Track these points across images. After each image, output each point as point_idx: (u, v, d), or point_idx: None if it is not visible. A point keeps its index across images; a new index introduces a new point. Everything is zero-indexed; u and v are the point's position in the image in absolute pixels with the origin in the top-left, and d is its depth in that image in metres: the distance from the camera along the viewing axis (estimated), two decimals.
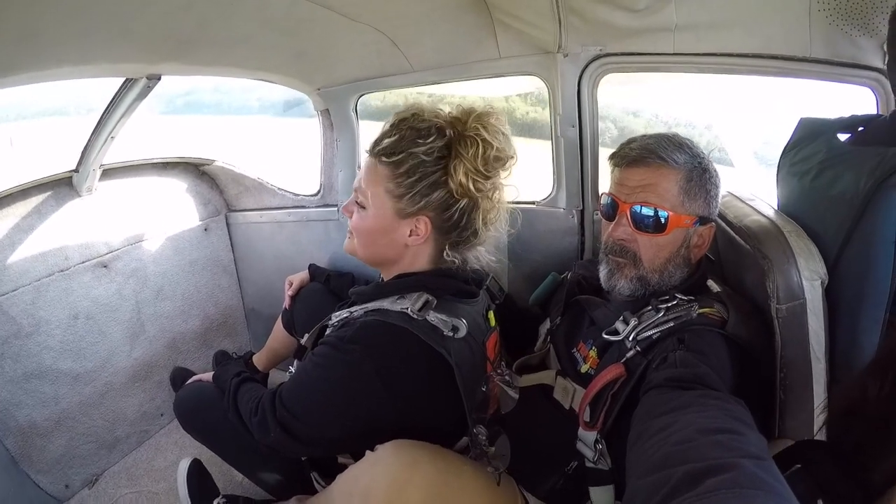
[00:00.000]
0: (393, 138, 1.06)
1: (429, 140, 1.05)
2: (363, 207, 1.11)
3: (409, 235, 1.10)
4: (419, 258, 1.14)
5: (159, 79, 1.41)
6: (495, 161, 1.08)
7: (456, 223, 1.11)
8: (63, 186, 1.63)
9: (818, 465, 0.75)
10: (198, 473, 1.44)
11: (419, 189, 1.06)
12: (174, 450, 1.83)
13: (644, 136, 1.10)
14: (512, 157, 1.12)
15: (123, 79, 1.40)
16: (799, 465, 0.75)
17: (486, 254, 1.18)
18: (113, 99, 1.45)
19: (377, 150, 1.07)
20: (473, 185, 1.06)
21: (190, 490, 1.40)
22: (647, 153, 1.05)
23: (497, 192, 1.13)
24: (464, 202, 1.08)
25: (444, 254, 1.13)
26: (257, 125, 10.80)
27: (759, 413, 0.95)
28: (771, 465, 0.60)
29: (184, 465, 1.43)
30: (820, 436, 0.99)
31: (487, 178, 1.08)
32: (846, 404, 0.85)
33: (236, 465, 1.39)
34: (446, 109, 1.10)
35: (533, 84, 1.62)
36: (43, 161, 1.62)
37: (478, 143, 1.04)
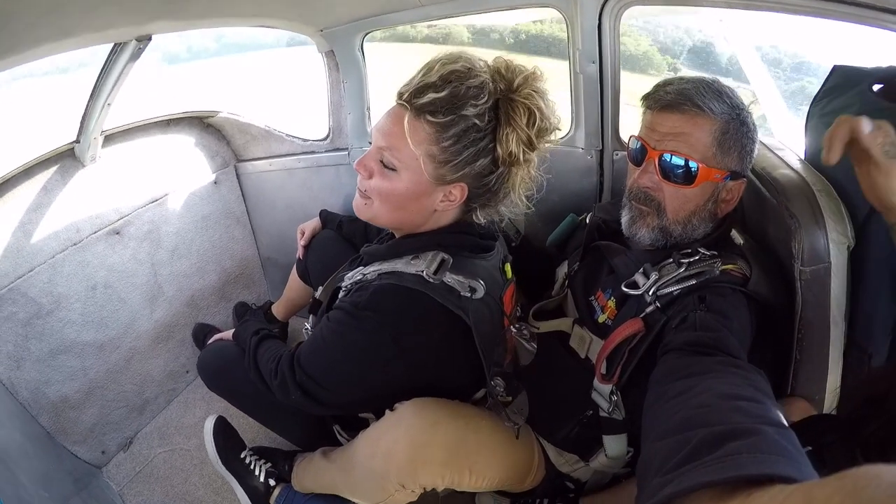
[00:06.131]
0: (442, 94, 0.93)
1: (480, 101, 0.94)
2: (392, 169, 1.00)
3: (441, 201, 1.04)
4: (443, 219, 1.10)
5: (150, 39, 1.33)
6: (544, 132, 1.00)
7: (490, 189, 1.05)
8: (66, 158, 1.60)
9: (830, 448, 0.75)
10: (223, 430, 1.50)
11: (465, 157, 0.97)
12: (202, 405, 1.90)
13: (682, 78, 1.02)
14: (558, 129, 1.03)
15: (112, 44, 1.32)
16: (810, 448, 0.75)
17: (506, 211, 1.13)
18: (104, 66, 1.38)
19: (421, 105, 0.94)
20: (522, 156, 0.98)
21: (217, 446, 1.46)
22: (682, 98, 0.97)
23: (534, 162, 1.06)
24: (501, 170, 1.02)
25: (474, 216, 1.10)
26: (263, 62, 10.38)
27: (773, 371, 0.95)
28: (791, 434, 0.60)
29: (209, 424, 1.49)
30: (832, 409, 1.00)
31: (534, 149, 1.00)
32: (870, 391, 0.84)
33: (261, 420, 1.45)
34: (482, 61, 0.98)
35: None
36: (45, 129, 1.57)
37: (531, 112, 0.95)
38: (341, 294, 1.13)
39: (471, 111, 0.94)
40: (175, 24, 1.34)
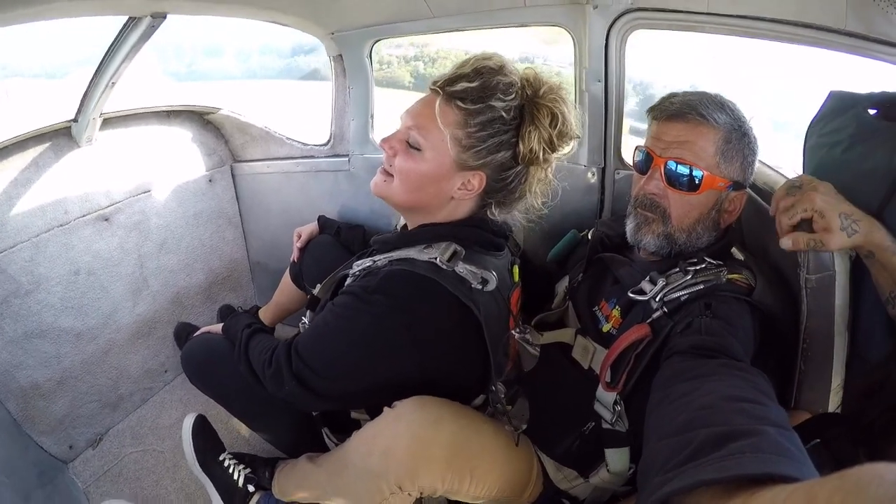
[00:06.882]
0: (474, 84, 1.00)
1: (508, 97, 1.01)
2: (417, 148, 1.04)
3: (459, 189, 1.06)
4: (458, 211, 1.11)
5: (164, 17, 1.32)
6: (564, 137, 1.05)
7: (507, 185, 1.08)
8: (61, 137, 1.55)
9: (837, 441, 0.75)
10: (202, 430, 1.43)
11: (488, 145, 1.02)
12: (179, 407, 1.82)
13: (687, 91, 1.07)
14: (578, 137, 1.10)
15: (125, 19, 1.29)
16: (818, 441, 0.75)
17: (520, 216, 1.17)
18: (114, 41, 1.35)
19: (453, 91, 1.00)
20: (542, 155, 1.04)
21: (195, 447, 1.39)
22: (687, 109, 1.02)
23: (553, 165, 1.11)
24: (520, 167, 1.06)
25: (489, 212, 1.12)
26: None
27: (777, 382, 0.95)
28: (793, 434, 0.60)
29: (188, 422, 1.41)
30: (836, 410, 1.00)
31: (554, 151, 1.06)
32: (866, 385, 0.85)
33: (245, 419, 1.39)
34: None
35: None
36: (41, 112, 1.53)
37: (555, 115, 1.02)
38: (349, 281, 1.11)
39: (498, 104, 1.00)
40: (192, 4, 1.34)
